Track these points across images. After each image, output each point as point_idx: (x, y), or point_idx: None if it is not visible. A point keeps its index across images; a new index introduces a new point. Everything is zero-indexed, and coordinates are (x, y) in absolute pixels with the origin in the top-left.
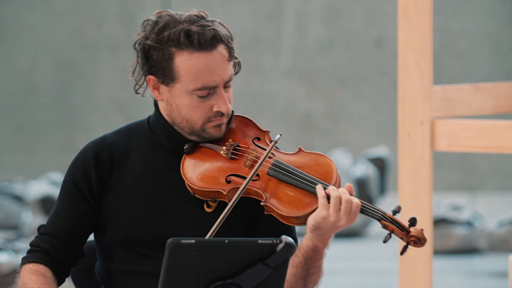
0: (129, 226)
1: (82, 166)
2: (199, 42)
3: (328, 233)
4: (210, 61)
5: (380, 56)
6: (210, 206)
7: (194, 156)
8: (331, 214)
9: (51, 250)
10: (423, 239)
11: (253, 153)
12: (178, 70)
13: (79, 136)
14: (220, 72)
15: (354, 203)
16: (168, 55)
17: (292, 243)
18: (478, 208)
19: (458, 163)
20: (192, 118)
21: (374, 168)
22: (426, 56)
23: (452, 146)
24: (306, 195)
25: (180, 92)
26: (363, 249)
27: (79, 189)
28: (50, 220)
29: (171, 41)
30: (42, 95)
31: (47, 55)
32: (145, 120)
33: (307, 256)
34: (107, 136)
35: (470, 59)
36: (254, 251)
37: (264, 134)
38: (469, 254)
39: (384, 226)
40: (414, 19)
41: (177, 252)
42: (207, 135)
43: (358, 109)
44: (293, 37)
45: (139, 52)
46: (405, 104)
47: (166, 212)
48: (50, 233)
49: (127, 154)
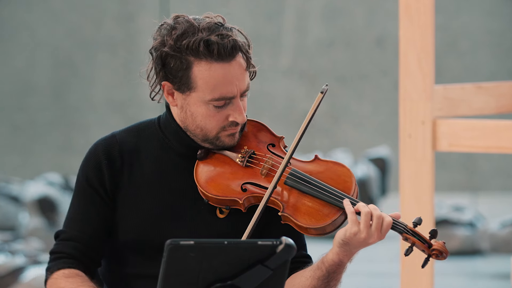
0: (138, 229)
1: (94, 164)
2: (218, 53)
3: (356, 249)
4: (229, 72)
5: (381, 55)
6: (223, 212)
7: (208, 162)
8: (362, 230)
9: (76, 254)
10: (445, 252)
11: (269, 161)
12: (196, 80)
13: (77, 136)
14: (238, 83)
15: (386, 220)
16: (186, 64)
17: (292, 245)
18: (480, 209)
19: (460, 164)
20: (207, 127)
21: (375, 169)
22: (428, 55)
23: (454, 146)
24: (325, 206)
25: (196, 101)
26: (363, 250)
27: (94, 188)
28: (68, 223)
29: (190, 50)
30: (39, 95)
31: (45, 54)
32: (155, 120)
33: (331, 270)
34: (116, 134)
35: (472, 58)
36: (253, 253)
37: (278, 140)
38: (471, 255)
39: (405, 239)
40: (416, 18)
41: (176, 253)
42: (220, 143)
43: (359, 109)
44: (293, 36)
45: (156, 58)
46: (406, 104)
47: (177, 216)
48: (72, 237)
49: (137, 154)
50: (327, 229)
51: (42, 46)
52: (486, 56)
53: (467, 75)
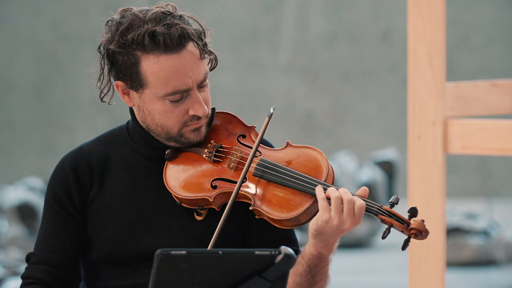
0: (113, 240)
1: (61, 181)
2: (165, 43)
3: (332, 238)
4: (180, 63)
5: (388, 50)
6: (200, 214)
7: (177, 162)
8: (333, 217)
9: (48, 279)
10: (424, 231)
11: (237, 153)
12: (146, 75)
13: (60, 137)
14: (192, 74)
15: (358, 204)
16: (133, 59)
17: (292, 255)
18: (495, 216)
19: (473, 167)
20: (167, 124)
21: (381, 173)
22: (439, 51)
23: (467, 148)
24: (296, 194)
25: (151, 98)
26: (369, 261)
27: (62, 206)
28: (38, 246)
29: (136, 44)
30: (19, 93)
31: (25, 49)
32: (124, 126)
33: (311, 263)
34: (84, 146)
35: (486, 53)
36: (250, 263)
37: (249, 130)
38: (485, 266)
39: (382, 221)
40: (425, 10)
41: (167, 264)
42: (185, 140)
43: (364, 108)
44: (293, 29)
45: (104, 56)
46: (415, 103)
47: (152, 223)
48: (43, 260)
49: (107, 163)
50: (301, 219)
51: (22, 40)
52: (501, 51)
53: (480, 72)
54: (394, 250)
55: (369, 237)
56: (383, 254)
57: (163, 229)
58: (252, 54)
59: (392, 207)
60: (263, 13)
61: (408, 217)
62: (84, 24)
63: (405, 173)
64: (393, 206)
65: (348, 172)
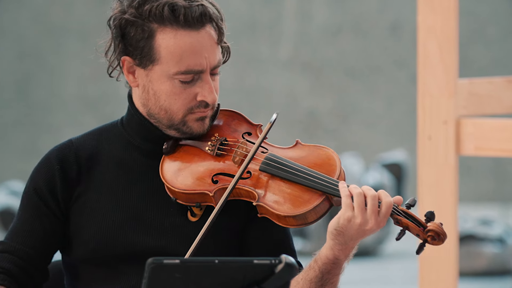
0: (99, 239)
1: (45, 173)
2: (185, 18)
3: (352, 241)
4: (197, 41)
5: (397, 44)
6: (195, 215)
7: (175, 157)
8: (357, 215)
9: (13, 270)
10: (442, 234)
11: (243, 146)
12: (159, 50)
13: (44, 138)
14: (208, 55)
15: (385, 201)
16: (148, 32)
17: (294, 264)
18: (511, 223)
19: (488, 170)
20: (172, 108)
21: (389, 175)
22: (451, 44)
23: (481, 149)
24: (306, 191)
25: (160, 76)
26: (378, 270)
27: (42, 199)
28: (10, 235)
29: (153, 16)
30: (0, 90)
31: (7, 43)
32: (118, 121)
33: (324, 269)
34: (73, 139)
35: (502, 47)
36: (249, 273)
37: (255, 128)
38: (500, 276)
39: (397, 222)
40: (437, 1)
41: (159, 274)
42: (187, 129)
43: (371, 107)
44: (294, 22)
45: (114, 29)
46: (426, 101)
47: (142, 222)
48: (11, 250)
49: (97, 158)
50: (309, 217)
51: (4, 34)
52: None
53: (496, 68)
54: (403, 259)
55: (376, 245)
56: (391, 263)
57: (153, 228)
58: (251, 48)
59: (408, 209)
60: (262, 4)
61: (425, 220)
62: (69, 16)
63: (414, 176)
64: (409, 208)
65: (354, 175)
